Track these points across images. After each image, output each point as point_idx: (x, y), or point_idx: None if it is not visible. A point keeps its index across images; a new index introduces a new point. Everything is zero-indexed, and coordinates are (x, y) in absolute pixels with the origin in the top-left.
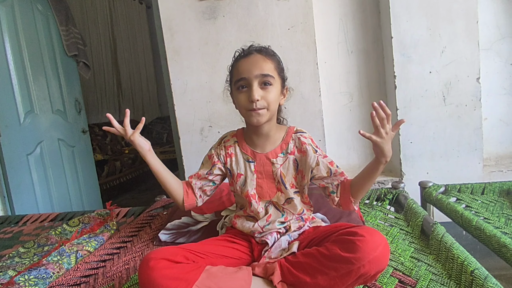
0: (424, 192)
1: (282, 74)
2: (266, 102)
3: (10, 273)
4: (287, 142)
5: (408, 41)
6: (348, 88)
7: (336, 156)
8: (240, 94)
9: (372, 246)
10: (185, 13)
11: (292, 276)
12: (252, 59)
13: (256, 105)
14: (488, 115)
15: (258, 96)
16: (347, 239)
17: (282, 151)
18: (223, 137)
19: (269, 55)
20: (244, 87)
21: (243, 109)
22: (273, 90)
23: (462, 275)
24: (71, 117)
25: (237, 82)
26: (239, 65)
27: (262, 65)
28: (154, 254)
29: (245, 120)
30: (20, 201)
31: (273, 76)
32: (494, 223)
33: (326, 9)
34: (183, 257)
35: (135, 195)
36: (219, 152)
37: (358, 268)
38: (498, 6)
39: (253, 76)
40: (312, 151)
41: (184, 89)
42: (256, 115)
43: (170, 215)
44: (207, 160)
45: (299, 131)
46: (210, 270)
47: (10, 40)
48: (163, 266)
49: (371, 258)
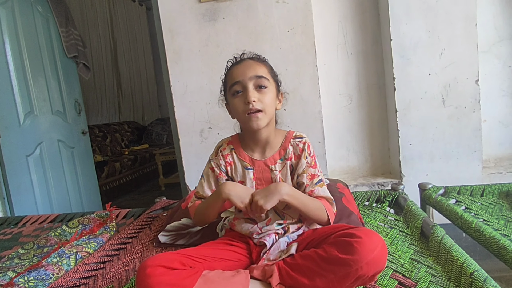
0: (424, 194)
1: (276, 78)
2: (263, 104)
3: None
4: (286, 147)
5: (407, 43)
6: (348, 90)
7: (336, 157)
8: (235, 99)
9: (370, 248)
10: (185, 15)
11: (290, 279)
12: (245, 64)
13: (253, 105)
14: (487, 117)
15: (254, 97)
16: (345, 240)
17: (280, 157)
18: (219, 145)
19: (262, 60)
20: (239, 92)
21: (240, 114)
22: (269, 93)
23: (462, 277)
24: (70, 118)
25: (231, 87)
26: (233, 71)
27: (256, 67)
28: (151, 261)
29: (243, 127)
30: (20, 202)
31: (267, 78)
32: (494, 225)
33: (325, 11)
34: (180, 263)
35: (134, 196)
36: (219, 163)
37: (356, 270)
38: (496, 9)
39: (247, 78)
40: (303, 157)
41: (184, 91)
42: (255, 119)
43: (169, 216)
44: (210, 173)
45: (298, 136)
46: (207, 275)
47: (10, 42)
48: (160, 273)
49: (369, 259)
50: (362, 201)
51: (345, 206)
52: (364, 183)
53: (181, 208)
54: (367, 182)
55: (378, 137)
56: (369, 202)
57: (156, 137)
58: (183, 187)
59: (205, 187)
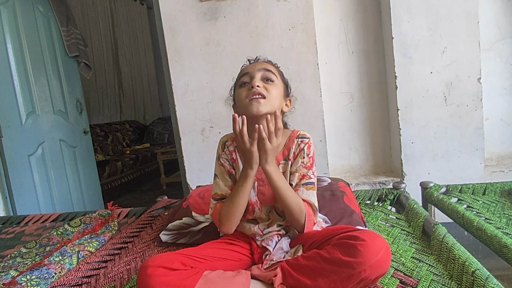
0: (425, 193)
1: (285, 80)
2: (267, 92)
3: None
4: (289, 147)
5: (409, 41)
6: (349, 89)
7: (337, 156)
8: (241, 89)
9: (374, 251)
10: (186, 14)
11: (293, 279)
12: (258, 62)
13: (256, 89)
14: (489, 115)
15: (259, 83)
16: (349, 243)
17: (284, 158)
18: (224, 141)
19: (274, 64)
20: (246, 83)
21: (242, 101)
22: (275, 87)
23: (463, 275)
24: (72, 117)
25: (239, 79)
26: (244, 68)
27: (266, 64)
28: (152, 262)
29: (244, 114)
30: (22, 201)
31: (275, 74)
32: (496, 223)
33: (326, 10)
34: (181, 264)
35: (136, 195)
36: (227, 158)
37: (359, 273)
38: (498, 7)
39: (255, 69)
40: (300, 156)
41: (185, 90)
42: (256, 103)
43: (171, 215)
44: (223, 170)
45: (302, 135)
46: (208, 275)
47: (12, 41)
48: (161, 274)
49: (373, 262)
50: (363, 200)
51: (347, 205)
52: (365, 182)
53: (182, 207)
54: (369, 181)
55: (379, 135)
56: (370, 201)
57: (157, 136)
58: (184, 186)
59: (222, 185)
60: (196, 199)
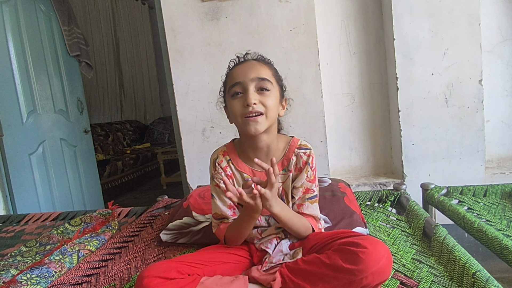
0: (426, 194)
1: (280, 82)
2: (264, 106)
3: (12, 272)
4: (289, 158)
5: (411, 43)
6: (350, 90)
7: (338, 157)
8: (234, 101)
9: (375, 258)
10: (188, 14)
11: (293, 283)
12: (248, 64)
13: (252, 108)
14: (490, 117)
15: (255, 99)
16: (350, 250)
17: (283, 168)
18: (214, 158)
19: (266, 62)
20: (238, 94)
21: (238, 117)
22: (271, 96)
23: (464, 277)
24: (73, 117)
25: (231, 88)
26: (234, 71)
27: (258, 69)
28: (148, 272)
29: (240, 132)
30: (22, 200)
31: (270, 81)
32: (496, 225)
33: (328, 11)
34: (177, 272)
35: (136, 195)
36: (221, 177)
37: (360, 280)
38: (500, 9)
39: (248, 79)
40: (305, 171)
41: (186, 90)
42: (253, 123)
43: (171, 215)
44: (218, 190)
45: (303, 146)
46: (205, 282)
47: (13, 40)
48: (157, 284)
49: (374, 270)
50: (364, 201)
51: (347, 206)
52: (366, 183)
53: (182, 207)
54: (369, 182)
55: (380, 136)
56: (371, 202)
57: (158, 136)
58: (184, 186)
59: (220, 205)
60: (196, 199)
